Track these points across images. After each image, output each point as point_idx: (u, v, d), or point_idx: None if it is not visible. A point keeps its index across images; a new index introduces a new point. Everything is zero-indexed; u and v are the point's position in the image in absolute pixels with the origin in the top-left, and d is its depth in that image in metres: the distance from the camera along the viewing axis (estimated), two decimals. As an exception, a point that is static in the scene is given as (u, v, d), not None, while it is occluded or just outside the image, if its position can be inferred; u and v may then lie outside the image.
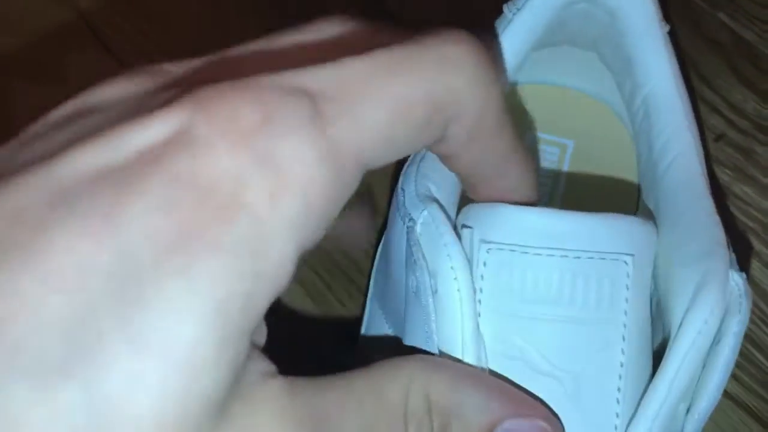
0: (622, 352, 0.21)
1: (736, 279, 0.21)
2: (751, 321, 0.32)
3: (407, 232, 0.22)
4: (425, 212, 0.21)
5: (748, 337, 0.31)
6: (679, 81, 0.26)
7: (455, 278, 0.20)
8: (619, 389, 0.21)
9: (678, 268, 0.21)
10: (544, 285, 0.20)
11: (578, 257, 0.20)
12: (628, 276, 0.21)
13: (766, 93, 0.36)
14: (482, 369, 0.20)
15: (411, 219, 0.22)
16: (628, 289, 0.21)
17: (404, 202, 0.23)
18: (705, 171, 0.24)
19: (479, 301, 0.21)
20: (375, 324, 0.28)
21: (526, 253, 0.20)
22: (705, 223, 0.22)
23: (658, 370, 0.20)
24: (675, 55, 0.26)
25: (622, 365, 0.21)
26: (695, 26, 0.38)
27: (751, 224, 0.34)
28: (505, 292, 0.20)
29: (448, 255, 0.20)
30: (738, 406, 0.31)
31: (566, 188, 0.30)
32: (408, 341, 0.22)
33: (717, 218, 0.22)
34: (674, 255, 0.22)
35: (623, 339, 0.21)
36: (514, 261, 0.20)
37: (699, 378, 0.21)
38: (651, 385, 0.20)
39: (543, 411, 0.19)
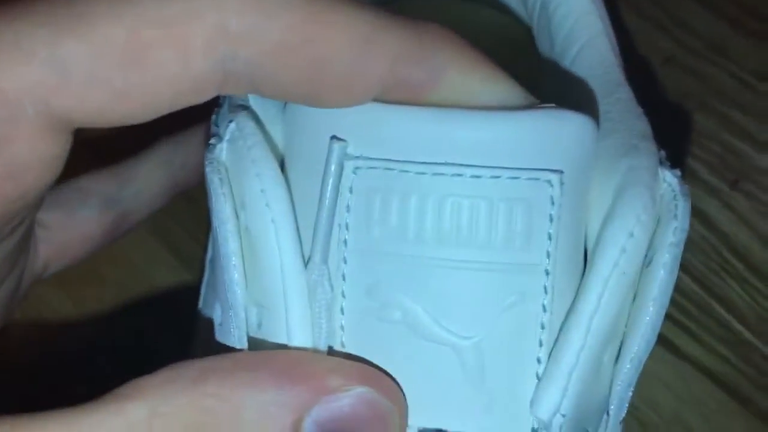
0: (544, 309, 0.15)
1: (669, 177, 0.16)
2: (712, 271, 0.27)
3: (206, 163, 0.16)
4: (232, 124, 0.16)
5: (709, 289, 0.27)
6: None
7: (267, 205, 0.14)
8: (539, 360, 0.15)
9: (593, 170, 0.16)
10: (432, 218, 0.15)
11: (478, 176, 0.15)
12: (552, 202, 0.15)
13: (719, 9, 0.32)
14: (319, 345, 0.15)
15: (214, 138, 0.16)
16: (552, 221, 0.15)
17: (215, 121, 0.17)
18: (618, 58, 0.19)
19: (344, 242, 0.15)
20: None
21: (407, 172, 0.15)
22: (623, 115, 0.17)
23: (570, 307, 0.15)
24: None
25: (543, 327, 0.15)
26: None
27: (707, 157, 0.29)
28: (378, 229, 0.15)
29: (257, 175, 0.15)
30: (699, 371, 0.26)
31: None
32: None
33: (639, 109, 0.17)
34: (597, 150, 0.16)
35: (545, 291, 0.15)
36: (391, 184, 0.15)
37: (629, 313, 0.16)
38: (562, 330, 0.15)
39: (368, 373, 0.14)
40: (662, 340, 0.26)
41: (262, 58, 0.13)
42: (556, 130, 0.15)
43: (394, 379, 0.15)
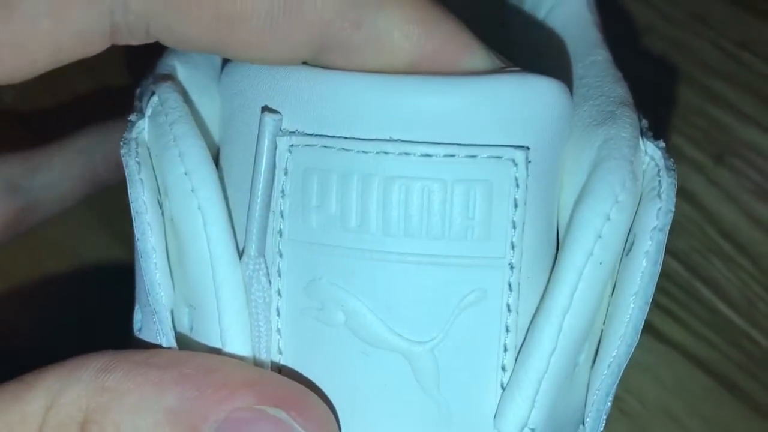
0: (509, 308, 0.14)
1: (652, 150, 0.14)
2: (697, 252, 0.26)
3: (122, 143, 0.14)
4: (154, 97, 0.14)
5: (694, 271, 0.25)
6: None
7: (192, 190, 0.13)
8: (503, 368, 0.14)
9: (569, 145, 0.14)
10: (377, 204, 0.13)
11: (429, 155, 0.13)
12: (517, 184, 0.13)
13: (702, -26, 0.30)
14: (259, 350, 0.14)
15: (134, 114, 0.14)
16: (516, 206, 0.14)
17: (138, 94, 0.15)
18: (599, 21, 0.18)
19: (279, 233, 0.13)
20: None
21: (347, 150, 0.13)
22: (600, 79, 0.15)
23: (539, 303, 0.14)
24: None
25: (508, 330, 0.14)
26: None
27: (691, 132, 0.27)
28: (316, 217, 0.13)
29: (180, 155, 0.13)
30: (684, 357, 0.25)
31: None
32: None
33: (618, 73, 0.16)
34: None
35: (510, 288, 0.14)
36: (330, 165, 0.13)
37: (607, 308, 0.14)
38: (530, 331, 0.13)
39: (291, 396, 0.12)
40: (645, 326, 0.25)
41: (158, 10, 0.12)
42: (521, 99, 0.13)
43: (330, 407, 0.13)
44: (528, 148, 0.13)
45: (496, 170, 0.13)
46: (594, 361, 0.15)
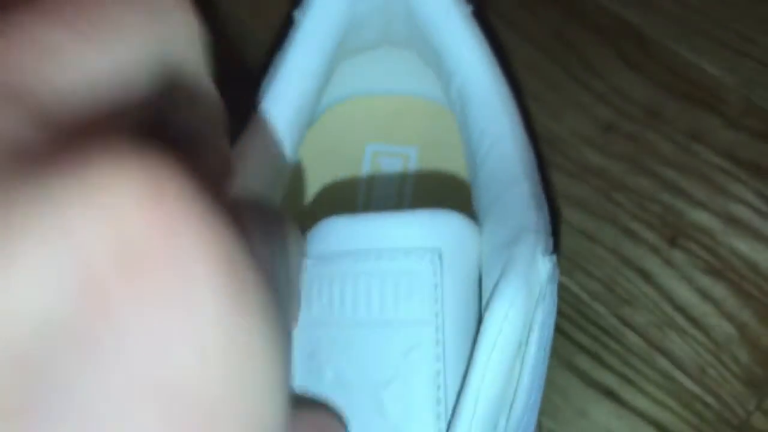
0: (437, 358, 0.19)
1: (543, 264, 0.19)
2: (654, 325, 0.29)
3: None
4: None
5: (651, 343, 0.29)
6: (491, 63, 0.24)
7: None
8: (438, 400, 0.18)
9: (487, 258, 0.19)
10: (350, 293, 0.19)
11: (380, 258, 0.19)
12: (434, 273, 0.19)
13: (653, 76, 0.34)
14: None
15: None
16: (437, 288, 0.19)
17: None
18: (526, 154, 0.22)
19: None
20: None
21: (331, 261, 0.19)
22: (516, 209, 0.20)
23: (464, 379, 0.18)
24: (483, 36, 0.24)
25: (439, 373, 0.18)
26: (579, 15, 0.36)
27: (647, 217, 0.31)
28: (316, 307, 0.19)
29: None
30: (644, 419, 0.28)
31: (413, 204, 0.28)
32: None
33: (532, 202, 0.20)
34: (487, 245, 0.20)
35: (436, 343, 0.19)
36: (322, 272, 0.19)
37: (516, 384, 0.19)
38: (457, 399, 0.18)
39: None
40: (610, 394, 0.28)
41: None
42: (435, 223, 0.19)
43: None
44: (440, 249, 0.19)
45: (423, 264, 0.19)
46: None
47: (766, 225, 0.31)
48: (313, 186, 0.28)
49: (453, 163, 0.28)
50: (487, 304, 0.18)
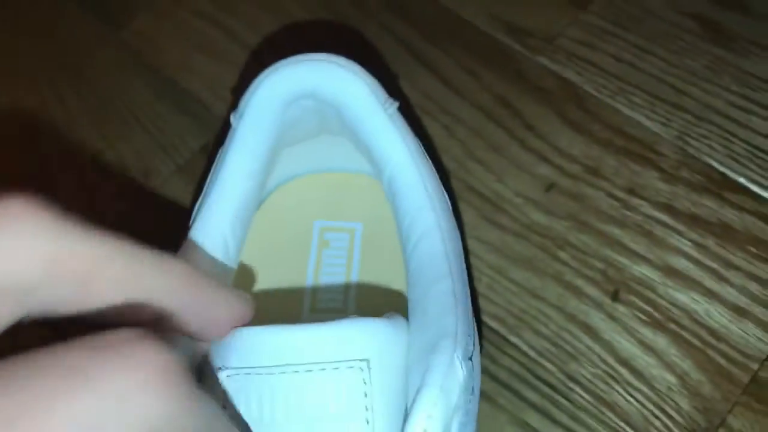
0: None
1: (461, 369, 0.20)
2: (600, 379, 0.30)
3: None
4: None
5: (598, 397, 0.30)
6: (418, 158, 0.25)
7: None
8: None
9: (412, 362, 0.20)
10: (280, 405, 0.20)
11: (309, 371, 0.20)
12: (364, 382, 0.20)
13: (592, 133, 0.36)
14: None
15: None
16: (366, 396, 0.20)
17: None
18: (454, 250, 0.24)
19: None
20: None
21: (259, 374, 0.20)
22: (438, 311, 0.21)
23: None
24: (410, 132, 0.25)
25: None
26: (518, 76, 0.38)
27: (590, 274, 0.32)
28: (246, 418, 0.20)
29: None
30: (595, 473, 0.29)
31: (360, 277, 0.29)
32: None
33: (452, 301, 0.22)
34: (412, 348, 0.21)
35: None
36: (250, 385, 0.20)
37: None
38: None
39: None
40: (560, 449, 0.29)
41: None
42: (361, 333, 0.20)
43: None
44: (368, 359, 0.20)
45: (352, 374, 0.20)
46: None
47: (704, 275, 0.32)
48: (262, 270, 0.29)
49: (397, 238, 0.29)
50: (406, 416, 0.19)
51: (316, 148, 0.30)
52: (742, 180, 0.34)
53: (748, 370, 0.30)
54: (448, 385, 0.19)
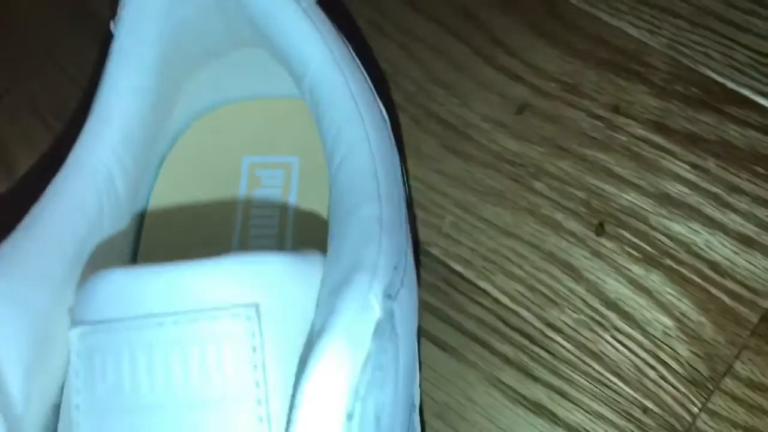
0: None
1: (372, 314, 0.15)
2: (584, 326, 0.26)
3: None
4: None
5: (581, 345, 0.26)
6: (343, 61, 0.20)
7: None
8: None
9: (318, 307, 0.16)
10: (142, 369, 0.15)
11: (177, 323, 0.15)
12: (252, 334, 0.15)
13: (569, 45, 0.31)
14: None
15: None
16: (255, 351, 0.15)
17: None
18: (385, 168, 0.19)
19: (78, 407, 0.15)
20: None
21: (116, 330, 0.15)
22: (355, 238, 0.17)
23: None
24: (333, 30, 0.21)
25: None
26: (484, -15, 0.33)
27: (571, 205, 0.28)
28: (101, 387, 0.15)
29: None
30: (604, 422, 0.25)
31: (297, 218, 0.24)
32: None
33: (376, 229, 0.17)
34: (323, 287, 0.16)
35: (260, 421, 0.15)
36: (105, 344, 0.15)
37: None
38: None
39: None
40: (541, 409, 0.25)
41: None
42: (246, 270, 0.16)
43: None
44: (258, 304, 0.15)
45: (235, 326, 0.15)
46: None
47: (703, 201, 0.27)
48: (185, 212, 0.25)
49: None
50: (298, 371, 0.15)
51: (235, 70, 0.25)
52: (744, 91, 0.29)
53: (756, 308, 0.25)
54: (357, 332, 0.15)
